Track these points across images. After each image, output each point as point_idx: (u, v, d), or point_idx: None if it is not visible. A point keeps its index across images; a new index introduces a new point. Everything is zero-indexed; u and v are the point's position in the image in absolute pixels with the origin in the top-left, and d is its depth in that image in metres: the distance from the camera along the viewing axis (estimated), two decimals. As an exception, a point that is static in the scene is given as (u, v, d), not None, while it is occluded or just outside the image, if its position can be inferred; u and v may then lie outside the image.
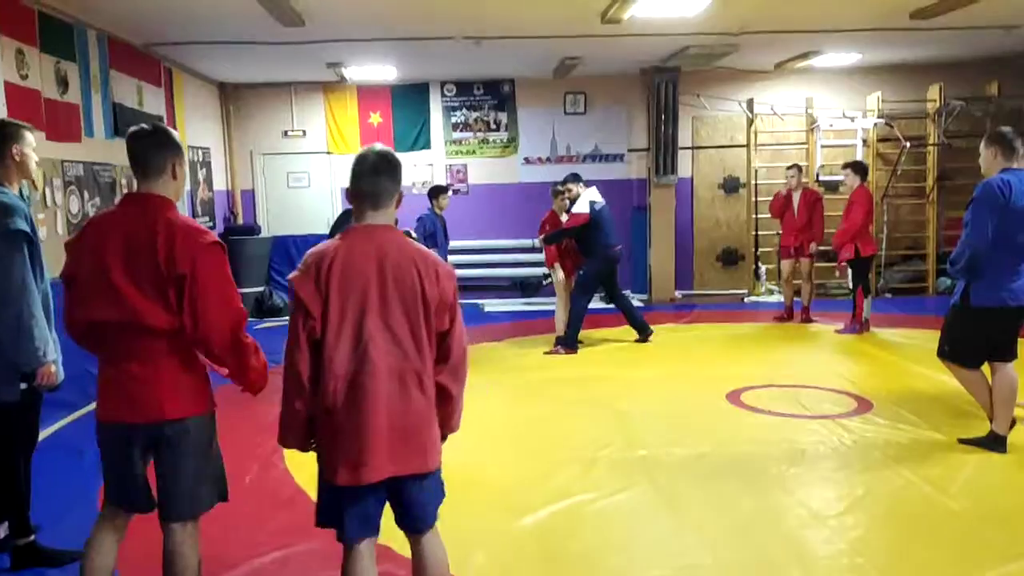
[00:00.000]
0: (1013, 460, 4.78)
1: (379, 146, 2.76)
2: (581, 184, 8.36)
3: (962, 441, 5.07)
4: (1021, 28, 8.86)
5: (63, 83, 6.63)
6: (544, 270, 11.61)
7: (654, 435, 5.41)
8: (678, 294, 11.73)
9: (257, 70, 10.42)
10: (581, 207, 8.09)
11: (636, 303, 11.34)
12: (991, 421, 4.97)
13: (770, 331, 9.05)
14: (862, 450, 5.04)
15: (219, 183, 11.21)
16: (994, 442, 4.93)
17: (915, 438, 5.21)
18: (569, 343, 8.12)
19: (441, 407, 2.73)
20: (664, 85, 10.99)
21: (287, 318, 6.86)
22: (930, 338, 5.74)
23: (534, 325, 9.85)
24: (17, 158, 3.46)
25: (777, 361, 7.55)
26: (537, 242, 8.48)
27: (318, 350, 2.58)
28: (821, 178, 11.26)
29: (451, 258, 11.65)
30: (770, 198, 9.98)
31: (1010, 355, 4.92)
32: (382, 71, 10.46)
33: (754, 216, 11.39)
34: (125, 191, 7.82)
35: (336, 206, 11.76)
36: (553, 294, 11.42)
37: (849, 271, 8.99)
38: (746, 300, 11.34)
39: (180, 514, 2.80)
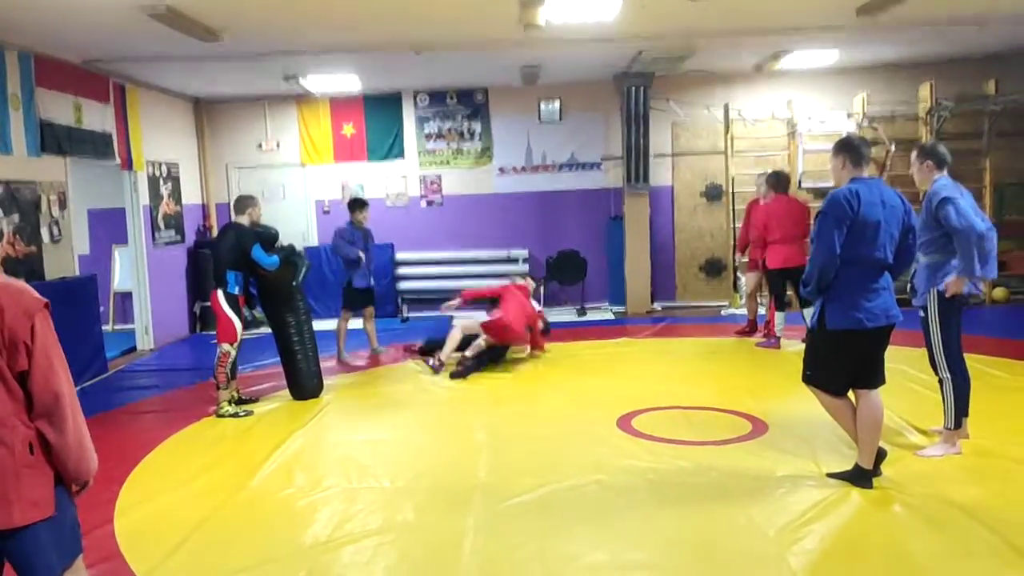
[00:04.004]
0: (872, 497, 4.35)
1: None
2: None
3: (830, 475, 4.66)
4: (993, 22, 8.27)
5: (-33, 102, 6.71)
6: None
7: (506, 463, 5.14)
8: (656, 306, 11.35)
9: (223, 85, 10.46)
10: None
11: (610, 315, 11.03)
12: (862, 452, 4.56)
13: (721, 346, 8.63)
14: (718, 483, 4.67)
15: (194, 197, 11.32)
16: (858, 476, 4.51)
17: (787, 470, 4.81)
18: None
19: (50, 456, 2.48)
20: (635, 91, 10.63)
21: (267, 329, 6.86)
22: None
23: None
24: None
25: (699, 379, 7.17)
26: None
27: None
28: (804, 184, 10.78)
29: (419, 269, 11.60)
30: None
31: (874, 381, 4.51)
32: (344, 81, 10.38)
33: (733, 225, 10.93)
34: (54, 208, 7.91)
35: (311, 217, 11.77)
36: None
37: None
38: (723, 312, 10.88)
39: None
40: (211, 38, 7.33)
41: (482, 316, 7.97)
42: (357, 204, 8.49)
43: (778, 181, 8.47)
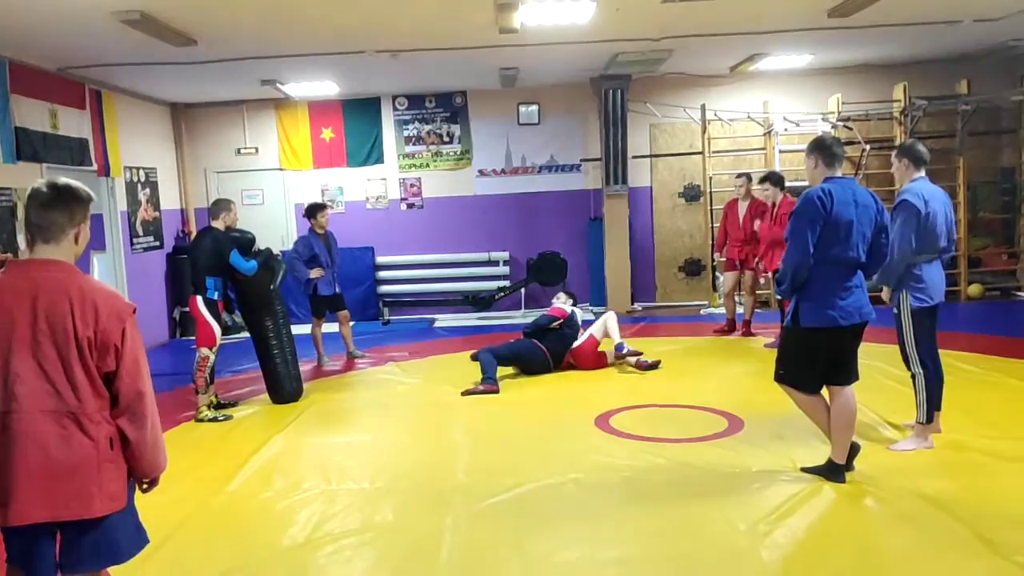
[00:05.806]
0: (845, 492, 4.42)
1: (62, 180, 2.66)
2: None
3: (804, 470, 4.73)
4: (964, 23, 8.39)
5: (-58, 110, 6.68)
6: (501, 283, 11.49)
7: (484, 463, 5.17)
8: (637, 306, 11.41)
9: (200, 90, 10.43)
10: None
11: (591, 316, 11.07)
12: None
13: (700, 345, 8.70)
14: (694, 479, 4.73)
15: (172, 202, 11.28)
16: (832, 471, 4.58)
17: (761, 465, 4.88)
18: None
19: (125, 451, 2.65)
20: (612, 93, 10.69)
21: (246, 334, 6.74)
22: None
23: (482, 341, 9.59)
24: None
25: (677, 377, 7.22)
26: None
27: None
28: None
29: (400, 273, 11.62)
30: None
31: (848, 378, 4.57)
32: (322, 87, 10.39)
33: (711, 225, 11.01)
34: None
35: (290, 222, 11.75)
36: (504, 309, 11.31)
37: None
38: (703, 312, 10.95)
39: None
40: (186, 44, 7.33)
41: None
42: (315, 209, 8.49)
43: (781, 181, 8.33)
